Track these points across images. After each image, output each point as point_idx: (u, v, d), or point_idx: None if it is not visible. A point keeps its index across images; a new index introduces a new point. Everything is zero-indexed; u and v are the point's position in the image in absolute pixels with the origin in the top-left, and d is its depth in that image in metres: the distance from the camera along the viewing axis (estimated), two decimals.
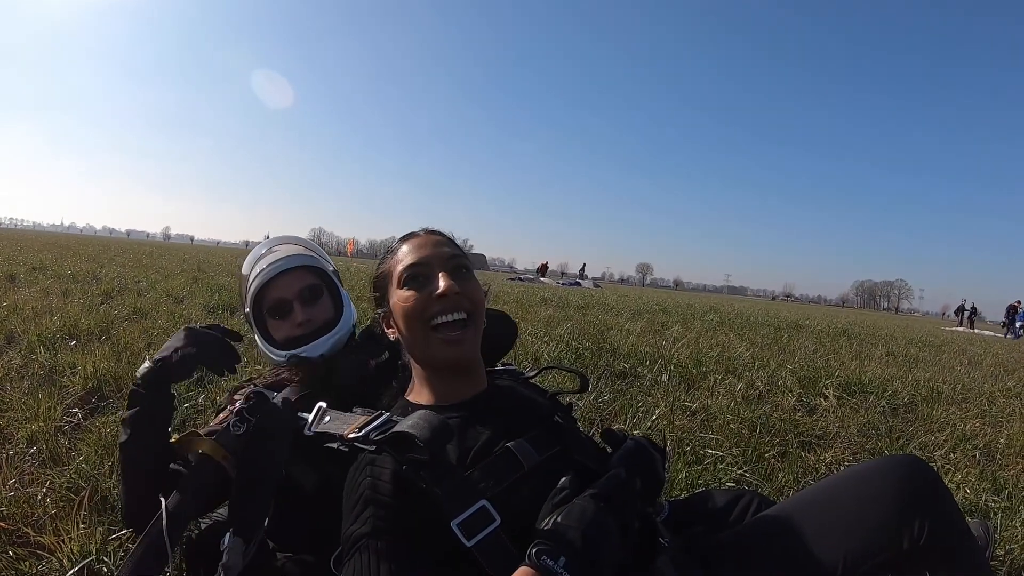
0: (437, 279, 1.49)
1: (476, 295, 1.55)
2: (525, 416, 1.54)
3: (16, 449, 2.73)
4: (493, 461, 1.37)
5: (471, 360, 1.57)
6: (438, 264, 1.52)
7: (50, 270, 10.81)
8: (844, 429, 3.84)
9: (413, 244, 1.59)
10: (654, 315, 11.17)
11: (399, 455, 1.32)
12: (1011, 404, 5.16)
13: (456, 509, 1.24)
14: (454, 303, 1.48)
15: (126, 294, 7.99)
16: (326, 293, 2.18)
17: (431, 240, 1.60)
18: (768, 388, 4.71)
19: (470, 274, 1.59)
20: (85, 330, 5.09)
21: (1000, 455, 3.65)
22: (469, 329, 1.52)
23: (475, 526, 1.23)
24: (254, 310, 2.12)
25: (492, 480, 1.32)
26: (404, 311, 1.52)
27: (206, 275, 12.40)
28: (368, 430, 1.42)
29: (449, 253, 1.56)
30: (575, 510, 1.19)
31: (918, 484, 1.33)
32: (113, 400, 3.39)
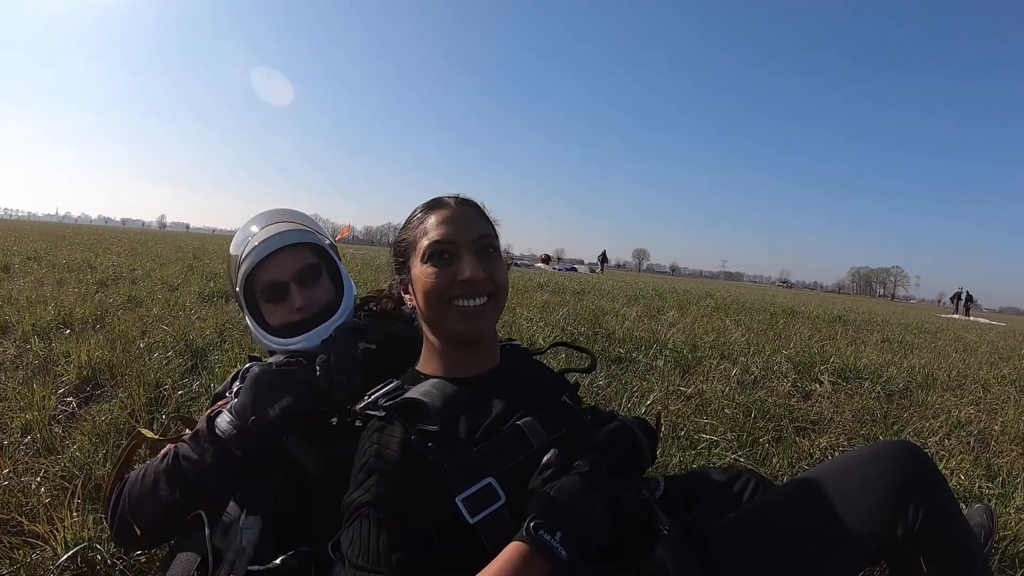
0: (463, 261, 1.45)
1: (500, 276, 1.52)
2: (535, 395, 1.52)
3: (11, 439, 2.74)
4: (502, 438, 1.35)
5: (487, 335, 1.54)
6: (465, 244, 1.47)
7: (45, 260, 10.78)
8: (839, 415, 3.86)
9: (442, 216, 1.51)
10: (650, 300, 11.16)
11: (408, 423, 1.32)
12: (1006, 391, 5.17)
13: (462, 484, 1.25)
14: (478, 288, 1.45)
15: (121, 283, 7.97)
16: (325, 272, 2.01)
17: (461, 215, 1.52)
18: (763, 373, 4.72)
19: (496, 253, 1.54)
20: (79, 319, 5.08)
21: (995, 442, 3.66)
22: (489, 304, 1.49)
23: (480, 503, 1.24)
24: (246, 293, 1.94)
25: (500, 457, 1.31)
26: (425, 287, 1.47)
27: (201, 263, 12.37)
28: (377, 396, 1.43)
29: (478, 232, 1.50)
30: (565, 487, 1.19)
31: (912, 470, 1.33)
32: (107, 388, 3.39)
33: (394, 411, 1.35)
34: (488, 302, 1.48)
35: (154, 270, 9.88)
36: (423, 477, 1.26)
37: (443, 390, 1.36)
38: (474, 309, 1.45)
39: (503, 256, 1.58)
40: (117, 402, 3.08)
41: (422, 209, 1.57)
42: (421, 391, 1.36)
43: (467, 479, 1.25)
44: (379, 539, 1.19)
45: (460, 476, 1.25)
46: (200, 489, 1.59)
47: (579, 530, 1.13)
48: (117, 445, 2.63)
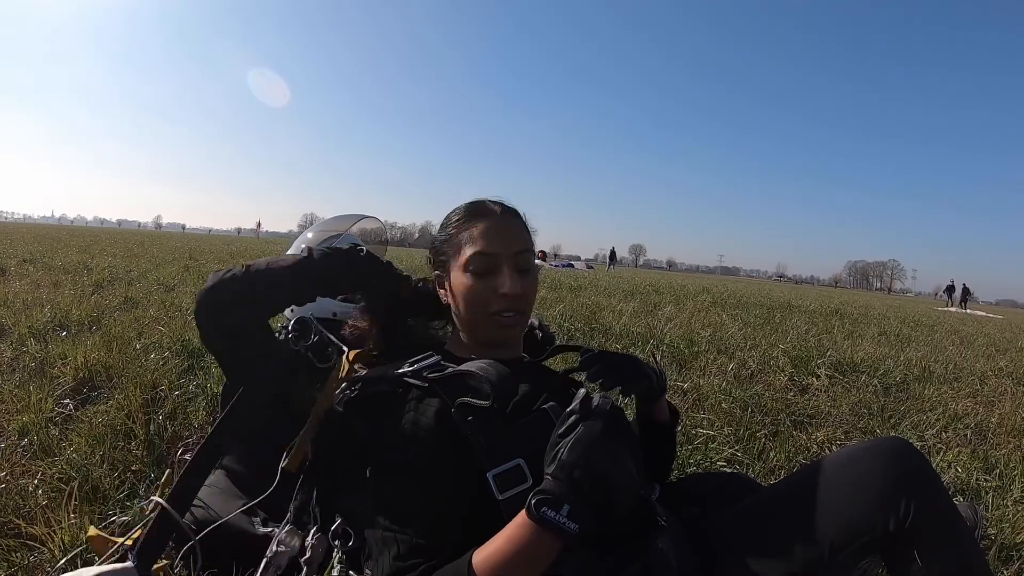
0: (503, 275, 1.48)
1: (533, 291, 1.58)
2: (551, 386, 1.53)
3: (8, 442, 2.73)
4: (530, 420, 1.36)
5: (516, 340, 1.66)
6: (507, 258, 1.50)
7: (40, 262, 10.75)
8: (836, 408, 3.87)
9: (487, 228, 1.53)
10: (647, 295, 11.17)
11: (450, 397, 1.34)
12: (1003, 383, 5.20)
13: (495, 461, 1.27)
14: (516, 305, 1.50)
15: (117, 284, 7.94)
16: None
17: (506, 229, 1.55)
18: (760, 368, 4.73)
19: (532, 271, 1.57)
20: (76, 320, 5.06)
21: (992, 434, 3.67)
22: (522, 317, 1.55)
23: (509, 481, 1.26)
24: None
25: (529, 439, 1.31)
26: (464, 296, 1.52)
27: (197, 263, 12.38)
28: (420, 367, 1.43)
29: (519, 248, 1.53)
30: (582, 440, 1.14)
31: (904, 466, 1.33)
32: (104, 390, 3.38)
33: (437, 384, 1.38)
34: (518, 315, 1.53)
35: (150, 271, 9.87)
36: (457, 448, 1.29)
37: (497, 368, 1.35)
38: (508, 320, 1.51)
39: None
40: (114, 403, 3.07)
41: (466, 213, 1.59)
42: (477, 366, 1.36)
43: (500, 457, 1.27)
44: (406, 504, 1.25)
45: (494, 452, 1.28)
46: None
47: (596, 493, 1.09)
48: (114, 447, 2.63)
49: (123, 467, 2.52)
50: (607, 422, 1.16)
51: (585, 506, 1.08)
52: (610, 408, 1.18)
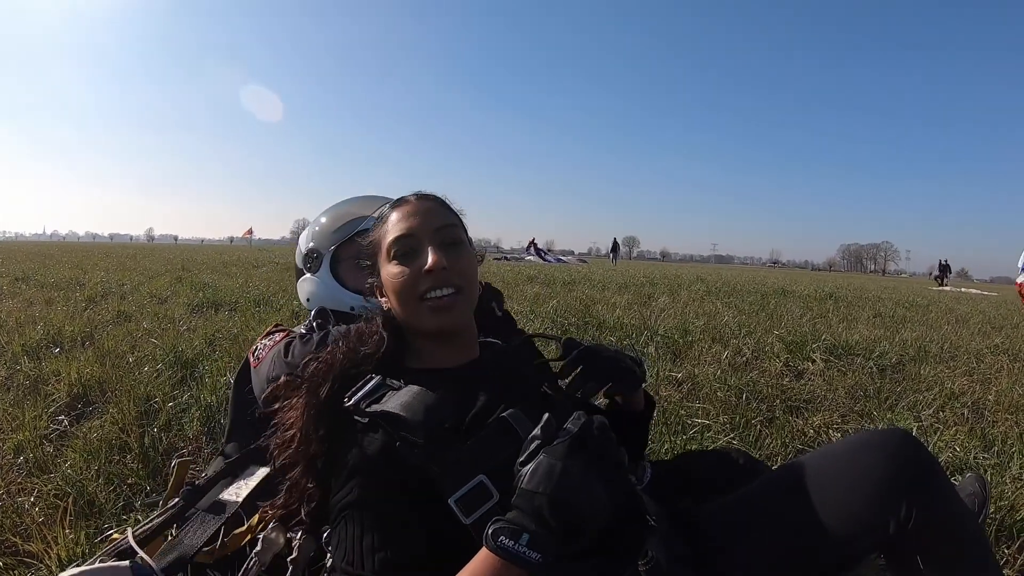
0: (426, 253, 1.43)
1: (467, 268, 1.50)
2: (516, 386, 1.48)
3: (3, 460, 2.74)
4: (488, 433, 1.31)
5: (460, 327, 1.53)
6: (426, 237, 1.46)
7: (33, 279, 10.74)
8: (832, 392, 3.88)
9: (402, 213, 1.51)
10: (641, 287, 11.19)
11: (392, 430, 1.29)
12: (999, 360, 5.20)
13: (453, 486, 1.21)
14: (443, 279, 1.43)
15: (110, 298, 7.95)
16: None
17: (420, 208, 1.51)
18: (755, 355, 4.73)
19: (462, 246, 1.51)
20: (69, 337, 5.07)
21: (988, 412, 3.68)
22: (458, 296, 1.46)
23: (473, 503, 1.20)
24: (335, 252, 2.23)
25: (488, 453, 1.27)
26: (393, 286, 1.47)
27: (190, 274, 12.35)
28: (358, 399, 1.39)
29: (439, 224, 1.49)
30: (542, 467, 1.08)
31: (905, 464, 1.31)
32: (98, 405, 3.39)
33: (377, 418, 1.32)
34: (457, 294, 1.45)
35: (143, 283, 9.86)
36: (408, 478, 1.24)
37: (424, 399, 1.33)
38: (444, 302, 1.44)
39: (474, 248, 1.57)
40: (108, 418, 3.08)
41: (385, 210, 1.58)
42: (401, 402, 1.33)
43: (458, 480, 1.22)
44: (362, 541, 1.19)
45: (451, 477, 1.22)
46: None
47: (559, 523, 1.03)
48: (109, 461, 2.64)
49: (119, 481, 2.52)
50: (572, 447, 1.10)
51: (547, 534, 1.03)
52: (578, 430, 1.13)
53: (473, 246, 1.59)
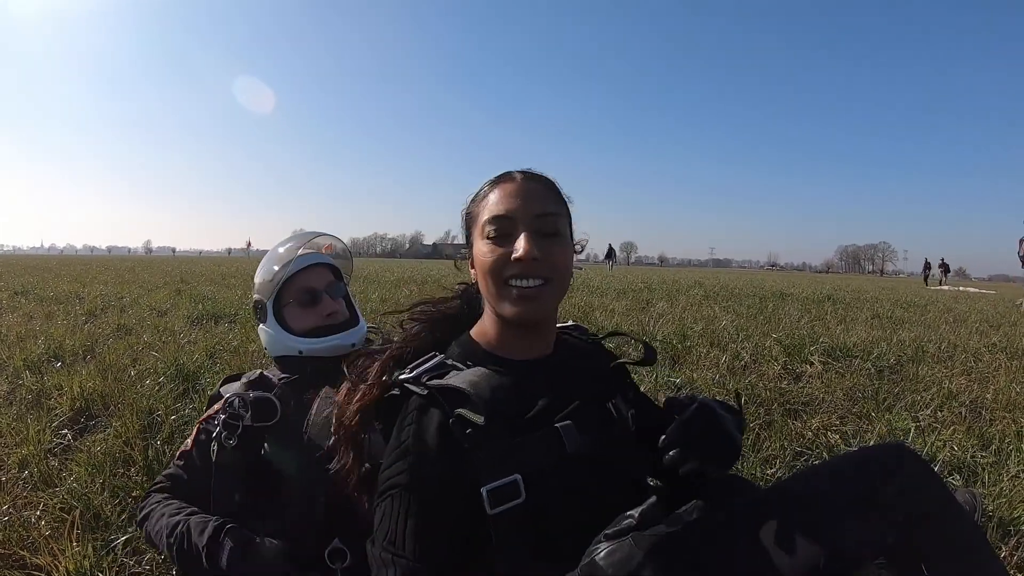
0: (519, 238, 1.38)
1: (559, 260, 1.43)
2: (582, 393, 1.45)
3: (8, 475, 2.76)
4: (538, 438, 1.32)
5: (542, 319, 1.48)
6: (523, 222, 1.40)
7: (32, 293, 10.73)
8: (830, 394, 3.88)
9: (504, 191, 1.45)
10: (639, 293, 11.18)
11: (449, 406, 1.31)
12: (997, 359, 5.20)
13: (491, 475, 1.24)
14: (531, 269, 1.38)
15: (109, 311, 7.95)
16: (346, 296, 2.42)
17: (524, 190, 1.44)
18: (753, 358, 4.74)
19: (559, 237, 1.44)
20: (70, 351, 5.08)
21: (986, 411, 3.69)
22: (545, 288, 1.41)
23: (502, 497, 1.23)
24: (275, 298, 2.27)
25: (531, 456, 1.29)
26: (481, 264, 1.43)
27: (189, 286, 12.34)
28: (421, 371, 1.40)
29: (539, 210, 1.42)
30: (622, 553, 1.09)
31: (903, 479, 1.29)
32: (101, 418, 3.41)
33: (437, 392, 1.33)
34: (545, 285, 1.40)
35: (142, 296, 9.85)
36: (456, 463, 1.26)
37: (490, 381, 1.33)
38: (529, 291, 1.39)
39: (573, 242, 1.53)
40: (111, 431, 3.10)
41: (489, 182, 1.53)
42: (468, 379, 1.33)
43: (496, 471, 1.25)
44: (406, 524, 1.21)
45: (491, 466, 1.25)
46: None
47: None
48: (114, 474, 2.67)
49: (123, 493, 2.54)
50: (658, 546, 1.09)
51: None
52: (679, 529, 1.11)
53: (572, 239, 1.54)
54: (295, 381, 2.15)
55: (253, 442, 1.97)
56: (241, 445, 1.94)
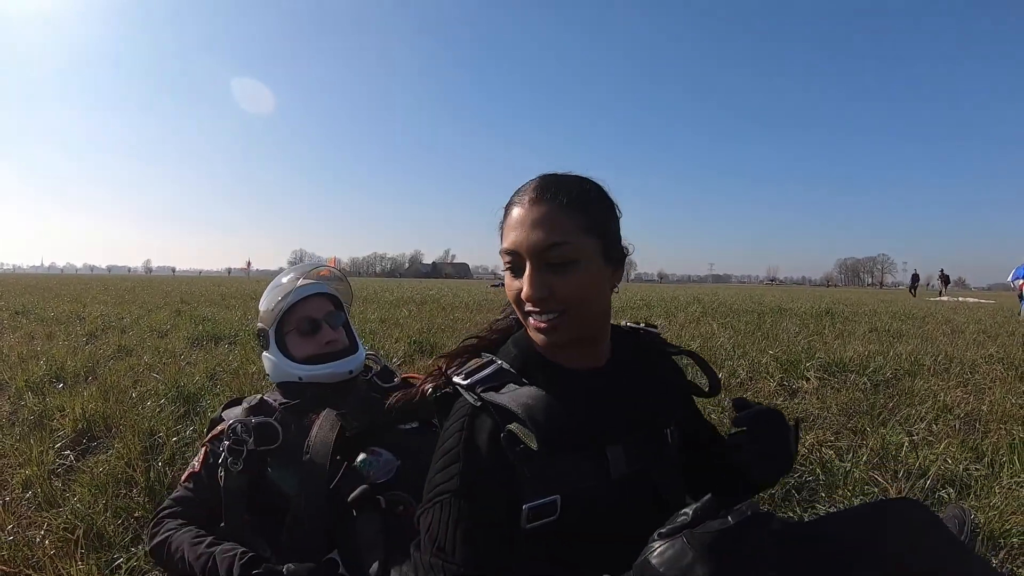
0: (525, 275, 1.28)
1: (571, 292, 1.28)
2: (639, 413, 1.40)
3: (12, 495, 2.79)
4: (583, 459, 1.28)
5: (567, 344, 1.35)
6: (528, 256, 1.28)
7: (33, 313, 10.79)
8: (825, 410, 3.91)
9: (512, 219, 1.32)
10: (637, 310, 11.22)
11: (501, 419, 1.26)
12: (993, 370, 5.25)
13: (533, 494, 1.22)
14: (540, 306, 1.28)
15: (110, 332, 8.01)
16: (345, 324, 2.48)
17: (530, 218, 1.29)
18: (749, 375, 4.78)
19: (572, 266, 1.27)
20: (71, 372, 5.13)
21: (980, 423, 3.71)
22: (561, 319, 1.29)
23: (539, 514, 1.21)
24: (277, 327, 2.35)
25: (574, 478, 1.25)
26: (507, 292, 1.35)
27: (189, 307, 12.39)
28: (476, 379, 1.34)
29: (545, 243, 1.26)
30: (674, 551, 1.01)
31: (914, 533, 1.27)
32: (103, 440, 3.45)
33: (491, 406, 1.28)
34: (561, 316, 1.29)
35: (142, 317, 9.91)
36: (504, 474, 1.23)
37: (545, 403, 1.26)
38: (545, 327, 1.30)
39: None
40: (113, 453, 3.13)
41: (513, 198, 1.37)
42: (522, 402, 1.25)
43: (539, 490, 1.23)
44: (456, 530, 1.19)
45: (534, 484, 1.23)
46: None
47: None
48: (116, 495, 2.68)
49: (126, 514, 2.56)
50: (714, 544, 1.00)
51: None
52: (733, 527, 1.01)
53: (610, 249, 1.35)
54: (295, 406, 2.20)
55: (257, 465, 2.02)
56: (246, 469, 1.99)
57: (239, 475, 1.98)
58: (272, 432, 2.05)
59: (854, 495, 2.72)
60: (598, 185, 1.39)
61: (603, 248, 1.32)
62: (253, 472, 2.00)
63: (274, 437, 2.04)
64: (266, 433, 2.04)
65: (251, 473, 2.00)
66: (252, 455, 2.00)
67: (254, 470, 2.01)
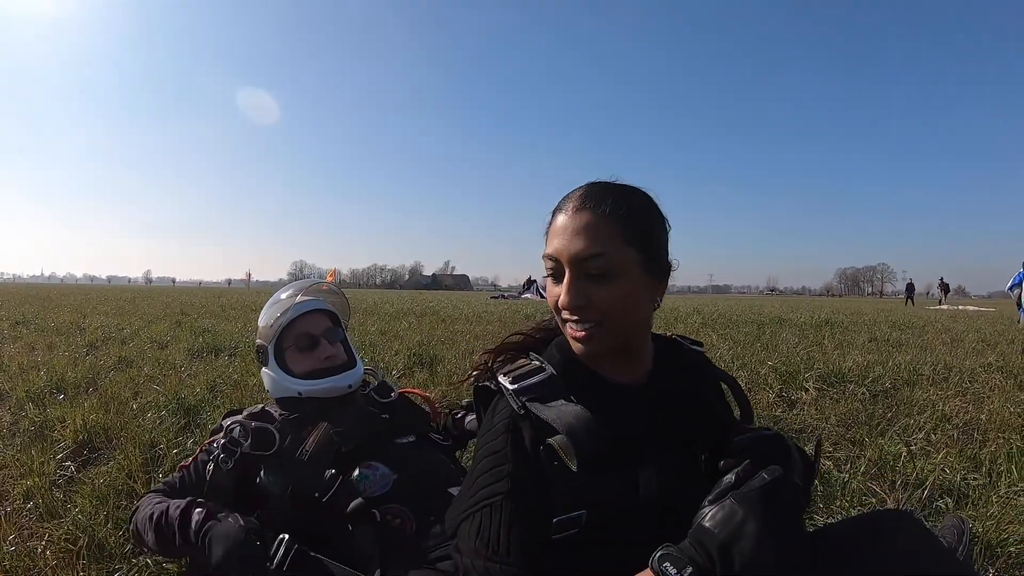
0: (564, 282, 1.29)
1: (609, 303, 1.28)
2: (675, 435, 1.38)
3: (14, 505, 2.80)
4: (617, 480, 1.27)
5: (603, 354, 1.36)
6: (568, 264, 1.28)
7: (33, 323, 10.80)
8: (824, 421, 3.92)
9: (556, 225, 1.33)
10: None
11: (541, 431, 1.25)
12: (992, 378, 5.25)
13: (563, 507, 1.22)
14: (577, 315, 1.30)
15: (110, 343, 8.02)
16: (343, 340, 2.51)
17: (572, 227, 1.29)
18: (748, 386, 4.79)
19: (610, 278, 1.27)
20: (72, 383, 5.14)
21: (977, 432, 3.72)
22: (598, 329, 1.29)
23: (566, 526, 1.22)
24: (276, 343, 2.38)
25: (604, 495, 1.25)
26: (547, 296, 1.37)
27: (189, 318, 12.39)
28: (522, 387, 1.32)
29: (586, 253, 1.26)
30: (725, 511, 1.07)
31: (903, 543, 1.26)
32: (104, 451, 3.46)
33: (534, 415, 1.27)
34: (597, 327, 1.29)
35: (142, 328, 9.90)
36: (543, 483, 1.23)
37: (589, 425, 1.22)
38: (581, 335, 1.30)
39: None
40: (115, 464, 3.14)
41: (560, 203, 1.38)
42: (568, 422, 1.22)
43: (568, 504, 1.23)
44: (511, 532, 1.18)
45: (566, 500, 1.23)
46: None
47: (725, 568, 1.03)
48: (118, 506, 2.70)
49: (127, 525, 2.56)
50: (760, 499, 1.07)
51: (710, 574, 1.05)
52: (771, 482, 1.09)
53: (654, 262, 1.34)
54: (295, 418, 2.23)
55: (248, 467, 2.05)
56: (236, 469, 2.03)
57: (228, 473, 2.03)
58: (269, 438, 2.08)
59: (852, 506, 2.72)
60: (647, 196, 1.39)
61: (645, 260, 1.31)
62: (242, 472, 2.05)
63: (270, 443, 2.07)
64: (263, 438, 2.08)
65: (240, 472, 2.04)
66: (245, 457, 2.04)
67: (245, 473, 2.05)
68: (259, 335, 2.46)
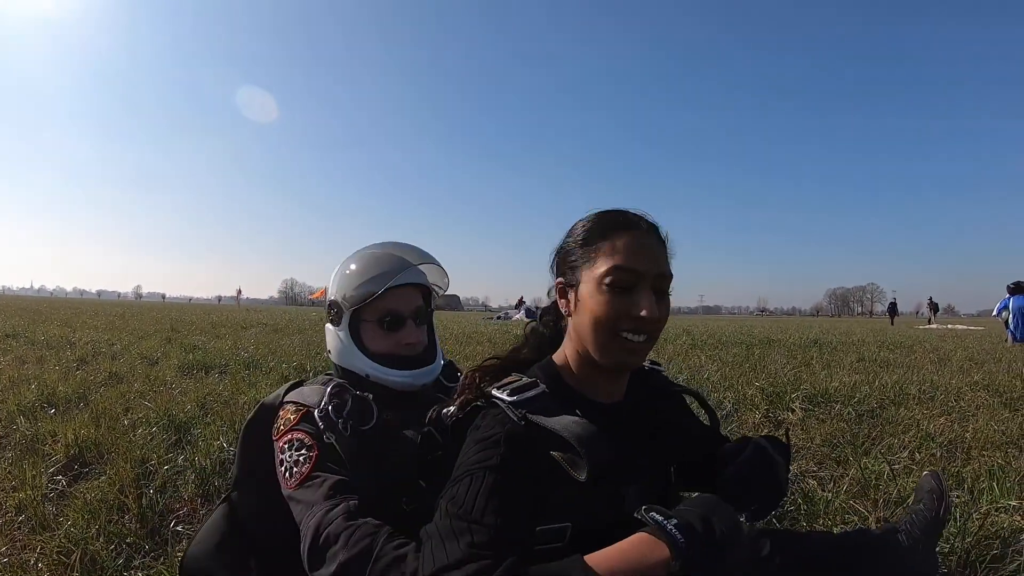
0: (642, 296, 1.34)
1: (665, 320, 1.39)
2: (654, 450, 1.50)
3: (6, 518, 2.83)
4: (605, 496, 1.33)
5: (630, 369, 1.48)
6: (647, 279, 1.35)
7: (23, 336, 10.80)
8: (809, 441, 3.94)
9: (631, 241, 1.38)
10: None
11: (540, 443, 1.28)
12: (978, 396, 5.29)
13: (550, 518, 1.26)
14: (647, 326, 1.35)
15: (100, 358, 8.03)
16: (430, 324, 2.18)
17: (649, 245, 1.39)
18: (735, 407, 4.83)
19: (667, 297, 1.40)
20: (63, 397, 5.16)
21: (960, 450, 3.74)
22: (649, 344, 1.39)
23: (550, 537, 1.26)
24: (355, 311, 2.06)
25: (590, 511, 1.31)
26: (596, 312, 1.36)
27: (179, 335, 12.37)
28: (519, 399, 1.34)
29: (660, 271, 1.37)
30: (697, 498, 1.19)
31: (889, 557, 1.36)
32: (95, 466, 3.48)
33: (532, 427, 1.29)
34: (648, 340, 1.38)
35: (133, 344, 9.90)
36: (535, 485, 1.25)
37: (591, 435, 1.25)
38: (637, 347, 1.36)
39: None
40: (106, 479, 3.16)
41: (607, 221, 1.44)
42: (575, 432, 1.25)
43: (555, 516, 1.27)
44: (487, 500, 1.17)
45: (556, 509, 1.27)
46: None
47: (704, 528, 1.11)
48: (109, 520, 2.72)
49: (118, 540, 2.59)
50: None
51: (691, 528, 1.11)
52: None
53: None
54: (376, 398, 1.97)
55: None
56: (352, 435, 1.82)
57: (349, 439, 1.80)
58: (368, 409, 1.90)
59: (835, 524, 2.74)
60: None
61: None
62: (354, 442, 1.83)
63: (368, 417, 1.89)
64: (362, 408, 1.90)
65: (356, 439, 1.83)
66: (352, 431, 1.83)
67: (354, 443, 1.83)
68: (337, 291, 2.11)
